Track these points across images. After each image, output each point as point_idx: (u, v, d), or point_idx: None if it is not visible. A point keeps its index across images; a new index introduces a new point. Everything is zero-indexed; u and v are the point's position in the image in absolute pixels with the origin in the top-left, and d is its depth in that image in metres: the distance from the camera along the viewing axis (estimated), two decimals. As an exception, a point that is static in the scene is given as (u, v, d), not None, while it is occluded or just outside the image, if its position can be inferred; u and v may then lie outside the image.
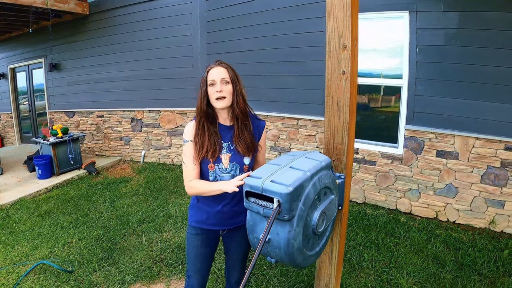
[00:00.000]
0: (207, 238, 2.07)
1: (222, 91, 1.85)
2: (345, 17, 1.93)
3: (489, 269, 3.23)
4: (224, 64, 1.91)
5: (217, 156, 1.89)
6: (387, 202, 4.69)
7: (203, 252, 2.08)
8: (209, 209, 2.00)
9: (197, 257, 2.08)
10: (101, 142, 8.02)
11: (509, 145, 3.78)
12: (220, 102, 1.87)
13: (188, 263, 2.12)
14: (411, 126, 4.32)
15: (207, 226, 2.04)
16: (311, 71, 5.04)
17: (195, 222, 2.06)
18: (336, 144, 2.08)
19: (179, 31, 6.57)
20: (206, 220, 2.02)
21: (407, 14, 4.15)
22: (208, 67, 1.91)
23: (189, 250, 2.09)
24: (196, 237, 2.06)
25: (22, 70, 9.42)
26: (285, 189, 1.35)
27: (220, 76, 1.86)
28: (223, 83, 1.86)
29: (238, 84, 1.92)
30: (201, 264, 2.09)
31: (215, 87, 1.85)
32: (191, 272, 2.11)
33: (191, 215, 2.09)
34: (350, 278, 3.13)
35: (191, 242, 2.08)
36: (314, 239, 1.66)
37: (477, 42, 3.80)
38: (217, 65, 1.89)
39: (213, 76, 1.85)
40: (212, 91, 1.86)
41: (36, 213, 4.85)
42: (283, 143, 5.62)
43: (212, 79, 1.85)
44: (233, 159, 1.92)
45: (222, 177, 1.91)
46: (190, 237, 2.08)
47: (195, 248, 2.07)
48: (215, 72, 1.86)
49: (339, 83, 1.99)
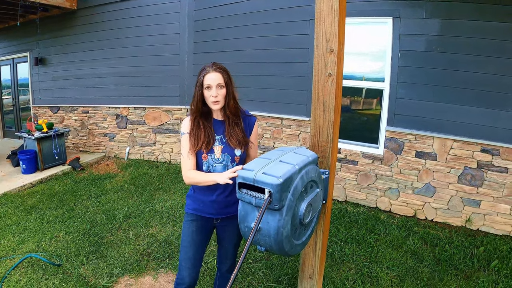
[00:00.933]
0: (202, 225, 2.19)
1: (218, 95, 1.98)
2: (333, 22, 2.05)
3: (465, 264, 3.40)
4: (220, 69, 2.01)
5: (210, 148, 2.04)
6: (368, 200, 4.85)
7: (197, 240, 2.17)
8: (204, 199, 2.13)
9: (191, 244, 2.16)
10: (86, 138, 7.98)
11: (485, 147, 3.98)
12: (216, 105, 2.01)
13: (180, 252, 2.20)
14: (391, 127, 4.48)
15: (203, 213, 2.16)
16: (296, 72, 5.16)
17: (191, 209, 2.19)
18: (321, 142, 2.20)
19: (167, 29, 6.61)
20: (202, 209, 2.15)
21: (391, 20, 4.31)
22: (204, 70, 2.00)
23: (184, 237, 2.19)
24: (192, 223, 2.18)
25: (7, 63, 9.27)
26: (276, 180, 1.46)
27: (216, 81, 1.97)
28: (218, 87, 1.98)
29: (231, 87, 2.05)
30: (193, 252, 2.16)
31: (211, 91, 1.98)
32: (183, 261, 2.17)
33: (188, 203, 2.22)
34: (332, 271, 3.26)
35: (186, 228, 2.19)
36: (301, 229, 1.78)
37: (456, 48, 3.98)
38: (213, 69, 1.99)
39: (210, 81, 1.97)
40: (208, 94, 1.99)
41: (22, 207, 4.83)
42: (267, 142, 5.73)
43: (208, 84, 1.97)
44: (225, 150, 2.06)
45: (215, 167, 2.06)
46: (186, 224, 2.20)
47: (190, 235, 2.17)
48: (212, 77, 1.97)
49: (325, 84, 2.11)
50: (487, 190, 4.03)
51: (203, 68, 2.03)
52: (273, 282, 3.12)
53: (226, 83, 2.01)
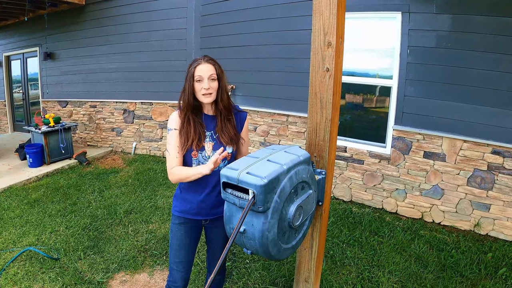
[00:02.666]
0: (190, 227, 2.10)
1: (210, 88, 1.89)
2: (331, 14, 1.95)
3: (471, 271, 3.27)
4: (212, 61, 1.92)
5: (201, 145, 1.95)
6: (374, 201, 4.73)
7: (186, 243, 2.10)
8: (192, 199, 2.04)
9: (180, 247, 2.09)
10: (93, 132, 8.01)
11: (497, 149, 3.83)
12: (207, 98, 1.91)
13: (170, 255, 2.13)
14: (399, 126, 4.35)
15: (191, 215, 2.06)
16: (301, 68, 5.06)
17: (178, 212, 2.08)
18: (319, 141, 2.11)
19: (174, 24, 6.57)
20: (190, 210, 2.05)
21: (399, 15, 4.17)
22: (195, 62, 1.91)
23: (173, 240, 2.11)
24: (180, 227, 2.08)
25: (17, 58, 9.36)
26: (260, 181, 1.38)
27: (208, 73, 1.88)
28: (210, 80, 1.89)
29: (223, 80, 1.96)
30: (184, 255, 2.10)
31: (203, 83, 1.88)
32: (173, 264, 2.11)
33: (175, 205, 2.11)
34: (331, 274, 3.17)
35: (175, 232, 2.10)
36: (291, 232, 1.69)
37: (467, 45, 3.83)
38: (205, 61, 1.90)
39: (201, 73, 1.88)
40: (199, 87, 1.89)
41: (25, 201, 4.85)
42: (272, 139, 5.64)
43: (199, 75, 1.88)
44: (216, 147, 1.97)
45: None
46: (174, 227, 2.11)
47: (179, 238, 2.09)
48: (203, 68, 1.88)
49: (322, 80, 2.01)
50: (498, 193, 3.88)
51: (194, 60, 1.94)
52: (269, 283, 3.03)
53: (219, 76, 1.93)
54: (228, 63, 5.90)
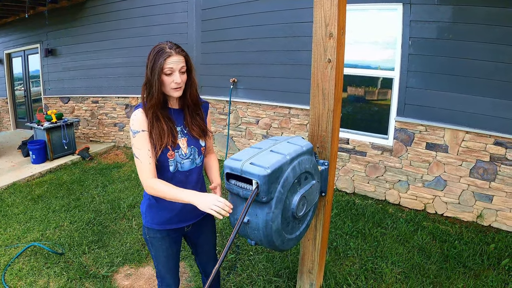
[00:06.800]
0: (174, 238, 1.95)
1: (181, 81, 1.71)
2: (332, 6, 1.94)
3: (474, 262, 3.27)
4: (183, 52, 1.73)
5: (176, 143, 1.78)
6: (376, 192, 4.74)
7: (174, 251, 1.99)
8: (172, 206, 1.84)
9: (169, 258, 1.97)
10: (96, 128, 8.02)
11: (499, 140, 3.81)
12: (177, 92, 1.74)
13: (158, 266, 2.00)
14: (401, 118, 4.34)
15: (172, 225, 1.89)
16: (304, 60, 5.03)
17: (158, 224, 1.88)
18: (321, 131, 2.11)
19: (175, 18, 6.54)
20: (171, 220, 1.87)
21: (401, 6, 4.14)
22: (164, 53, 1.67)
23: (158, 253, 1.95)
24: (163, 240, 1.91)
25: (18, 55, 9.36)
26: (263, 171, 1.38)
27: (179, 65, 1.69)
28: (181, 73, 1.71)
29: (193, 72, 1.81)
30: (174, 263, 2.02)
31: (173, 76, 1.69)
32: (164, 273, 2.01)
33: (153, 217, 1.88)
34: (335, 266, 3.18)
35: (158, 246, 1.93)
36: (294, 223, 1.70)
37: (469, 36, 3.81)
38: (176, 52, 1.68)
39: (172, 65, 1.67)
40: (169, 80, 1.69)
41: (29, 197, 4.88)
42: (274, 132, 5.64)
43: (170, 67, 1.67)
44: (190, 142, 1.83)
45: (183, 164, 1.81)
46: (155, 241, 1.92)
47: (165, 250, 1.95)
48: (175, 60, 1.67)
49: (324, 71, 2.01)
50: (500, 184, 3.87)
51: (160, 49, 1.68)
52: (273, 275, 3.05)
53: (188, 69, 1.75)
54: (230, 56, 5.89)
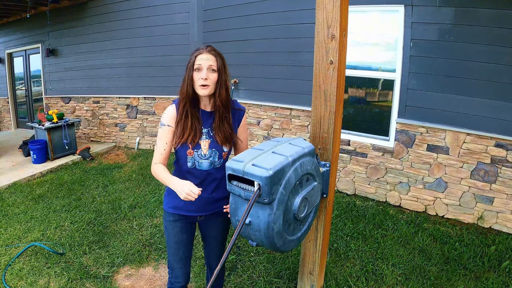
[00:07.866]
0: (185, 224, 2.03)
1: (208, 79, 1.79)
2: (335, 7, 1.95)
3: (474, 264, 3.27)
4: (214, 52, 1.83)
5: (196, 142, 1.86)
6: (377, 194, 4.74)
7: (184, 239, 2.05)
8: None
9: (178, 245, 2.04)
10: (97, 128, 8.03)
11: (500, 142, 3.81)
12: (204, 90, 1.81)
13: (169, 254, 2.08)
14: (402, 119, 4.34)
15: (185, 212, 1.99)
16: (305, 62, 5.04)
17: (172, 208, 2.00)
18: (322, 133, 2.11)
19: (176, 19, 6.56)
20: (184, 206, 1.96)
21: (402, 8, 4.15)
22: (197, 51, 1.82)
23: (169, 238, 2.05)
24: (175, 224, 2.02)
25: (19, 55, 9.37)
26: (265, 173, 1.38)
27: (208, 63, 1.79)
28: (209, 70, 1.80)
29: (224, 75, 1.86)
30: (183, 252, 2.06)
31: (201, 73, 1.78)
32: (174, 262, 2.07)
33: (168, 201, 2.02)
34: (335, 267, 3.18)
35: (170, 230, 2.04)
36: (296, 224, 1.70)
37: (470, 38, 3.81)
38: (207, 51, 1.80)
39: (201, 62, 1.78)
40: (197, 77, 1.79)
41: (30, 196, 4.87)
42: (276, 133, 5.64)
43: (199, 64, 1.78)
44: (212, 145, 1.90)
45: (201, 163, 1.89)
46: (169, 224, 2.04)
47: (176, 235, 2.03)
48: (204, 58, 1.78)
49: (326, 72, 2.01)
50: (501, 186, 3.87)
51: (196, 49, 1.84)
52: (274, 276, 3.05)
53: (219, 69, 1.82)
54: (231, 57, 5.87)
